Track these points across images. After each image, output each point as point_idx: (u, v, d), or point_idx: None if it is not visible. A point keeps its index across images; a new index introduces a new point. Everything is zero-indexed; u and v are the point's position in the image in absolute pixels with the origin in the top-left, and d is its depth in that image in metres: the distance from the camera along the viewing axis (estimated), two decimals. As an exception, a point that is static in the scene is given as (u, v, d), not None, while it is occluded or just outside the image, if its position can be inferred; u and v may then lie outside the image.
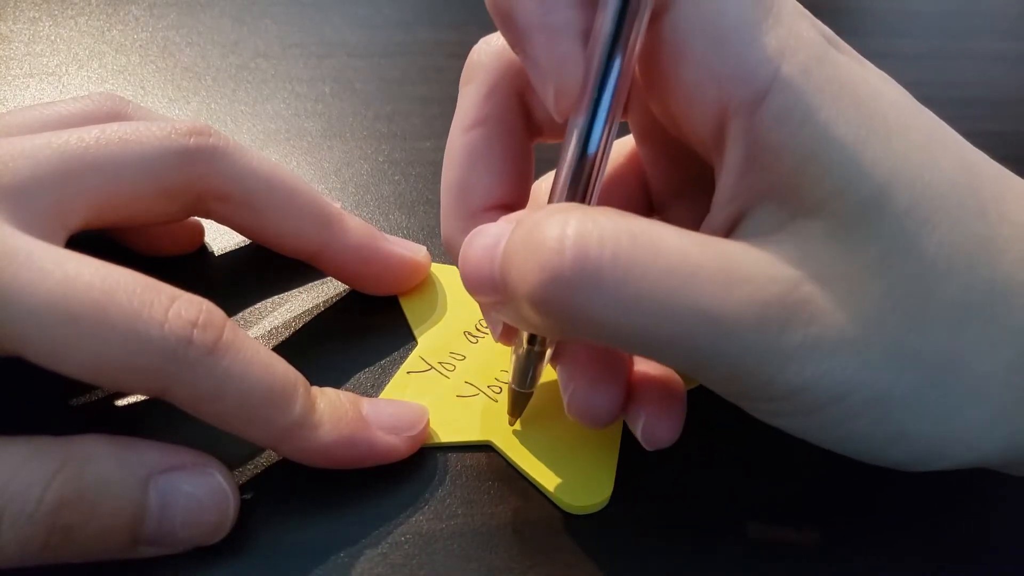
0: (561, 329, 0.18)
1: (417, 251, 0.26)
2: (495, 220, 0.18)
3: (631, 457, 0.22)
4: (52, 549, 0.17)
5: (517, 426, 0.22)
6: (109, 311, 0.17)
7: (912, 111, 0.17)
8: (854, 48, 0.18)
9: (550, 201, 0.18)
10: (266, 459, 0.21)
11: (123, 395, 0.22)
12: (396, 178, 0.32)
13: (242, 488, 0.20)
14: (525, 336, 0.20)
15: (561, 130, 0.20)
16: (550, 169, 0.23)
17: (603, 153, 0.17)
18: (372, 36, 0.42)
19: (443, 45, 0.42)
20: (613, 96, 0.16)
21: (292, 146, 0.33)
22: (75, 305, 0.16)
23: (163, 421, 0.20)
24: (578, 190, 0.17)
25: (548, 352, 0.20)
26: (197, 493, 0.18)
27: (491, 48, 0.21)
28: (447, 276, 0.27)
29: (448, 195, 0.21)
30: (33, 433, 0.17)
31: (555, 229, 0.15)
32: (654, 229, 0.16)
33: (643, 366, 0.21)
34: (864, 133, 0.16)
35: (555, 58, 0.16)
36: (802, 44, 0.16)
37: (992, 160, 0.18)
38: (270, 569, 0.19)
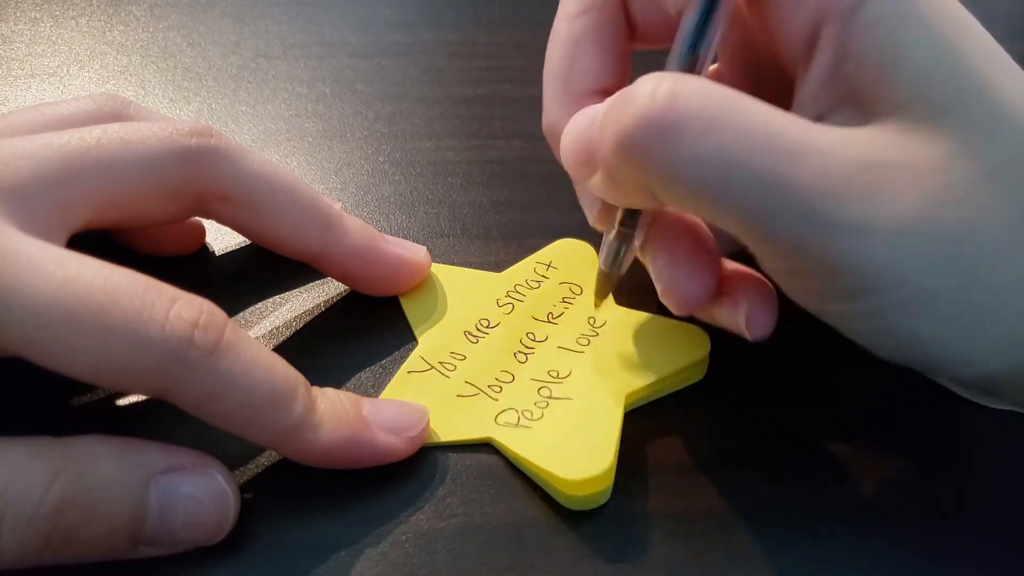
0: (642, 179, 0.18)
1: (417, 252, 0.26)
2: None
3: (631, 455, 0.22)
4: (53, 550, 0.17)
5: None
6: (110, 312, 0.17)
7: (989, 39, 0.18)
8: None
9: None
10: (266, 459, 0.21)
11: (123, 395, 0.22)
12: (397, 178, 0.32)
13: (242, 488, 0.20)
14: (619, 216, 0.21)
15: (658, 34, 0.22)
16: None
17: (711, 47, 0.19)
18: (373, 37, 0.42)
19: (444, 45, 0.42)
20: None
21: (293, 146, 0.33)
22: (76, 306, 0.16)
23: (163, 421, 0.20)
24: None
25: (640, 237, 0.22)
26: (197, 494, 0.18)
27: None
28: (447, 276, 0.27)
29: (552, 82, 0.23)
30: (33, 434, 0.17)
31: (650, 82, 0.17)
32: (742, 96, 0.17)
33: (732, 264, 0.22)
34: (947, 48, 0.17)
35: None
36: None
37: None
38: (270, 569, 0.19)
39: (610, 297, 0.26)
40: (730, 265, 0.22)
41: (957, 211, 0.16)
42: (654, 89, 0.16)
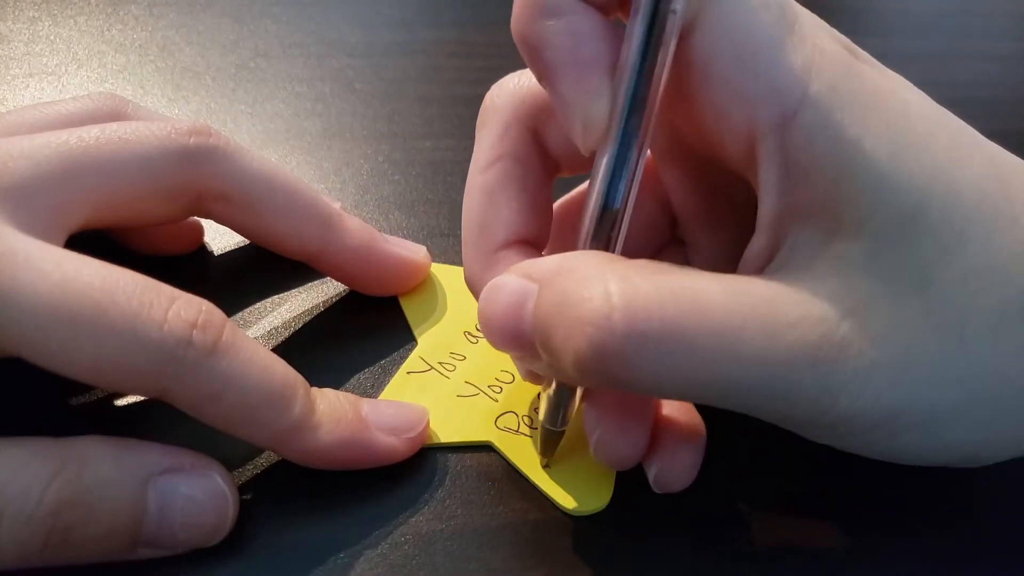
0: (608, 387, 0.18)
1: (417, 251, 0.26)
2: (517, 257, 0.19)
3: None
4: (51, 550, 0.17)
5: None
6: (108, 312, 0.17)
7: (937, 118, 0.17)
8: (855, 48, 0.18)
9: (579, 235, 0.18)
10: (266, 459, 0.21)
11: (122, 396, 0.22)
12: (396, 178, 0.32)
13: (242, 489, 0.20)
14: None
15: (578, 163, 0.21)
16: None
17: (631, 188, 0.17)
18: (372, 36, 0.42)
19: (443, 45, 0.42)
20: (641, 128, 0.16)
21: (292, 146, 0.33)
22: (74, 306, 0.16)
23: (162, 422, 0.20)
24: (606, 228, 0.17)
25: (579, 392, 0.20)
26: (196, 495, 0.18)
27: (503, 91, 0.21)
28: (447, 276, 0.27)
29: (469, 234, 0.21)
30: (33, 434, 0.17)
31: (597, 299, 0.15)
32: (694, 285, 0.16)
33: (667, 409, 0.21)
34: (895, 147, 0.16)
35: (584, 93, 0.17)
36: (827, 60, 0.16)
37: (1022, 160, 0.18)
38: (270, 569, 0.19)
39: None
40: (661, 410, 0.21)
41: (941, 333, 0.16)
42: (606, 312, 0.15)
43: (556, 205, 0.23)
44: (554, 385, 0.20)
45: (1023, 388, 0.17)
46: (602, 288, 0.15)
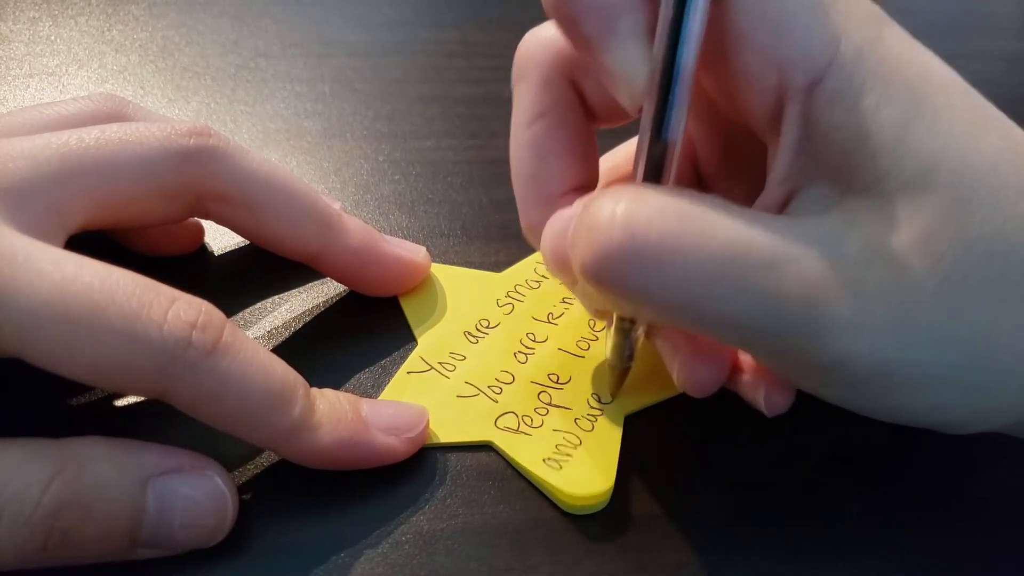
0: (614, 303, 0.19)
1: (416, 252, 0.26)
2: (571, 204, 0.19)
3: (631, 457, 0.22)
4: (50, 551, 0.17)
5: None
6: (108, 312, 0.17)
7: (959, 91, 0.17)
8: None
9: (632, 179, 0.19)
10: (265, 460, 0.21)
11: (122, 396, 0.22)
12: (396, 178, 0.32)
13: (241, 489, 0.20)
14: (616, 313, 0.21)
15: (616, 115, 0.21)
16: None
17: (676, 140, 0.18)
18: (372, 35, 0.42)
19: (443, 44, 0.42)
20: (681, 86, 0.17)
21: (292, 146, 0.33)
22: (74, 306, 0.16)
23: (162, 423, 0.20)
24: (654, 176, 0.18)
25: (641, 329, 0.21)
26: (195, 495, 0.18)
27: (539, 41, 0.21)
28: (447, 276, 0.27)
29: (523, 189, 0.22)
30: (32, 435, 0.17)
31: (606, 209, 0.16)
32: (703, 208, 0.16)
33: None
34: (912, 115, 0.16)
35: (625, 61, 0.17)
36: (858, 25, 0.17)
37: None
38: (270, 570, 0.19)
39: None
40: None
41: (941, 294, 0.16)
42: (610, 218, 0.16)
43: (603, 158, 0.24)
44: (615, 322, 0.21)
45: (1016, 357, 0.17)
46: (612, 201, 0.16)
